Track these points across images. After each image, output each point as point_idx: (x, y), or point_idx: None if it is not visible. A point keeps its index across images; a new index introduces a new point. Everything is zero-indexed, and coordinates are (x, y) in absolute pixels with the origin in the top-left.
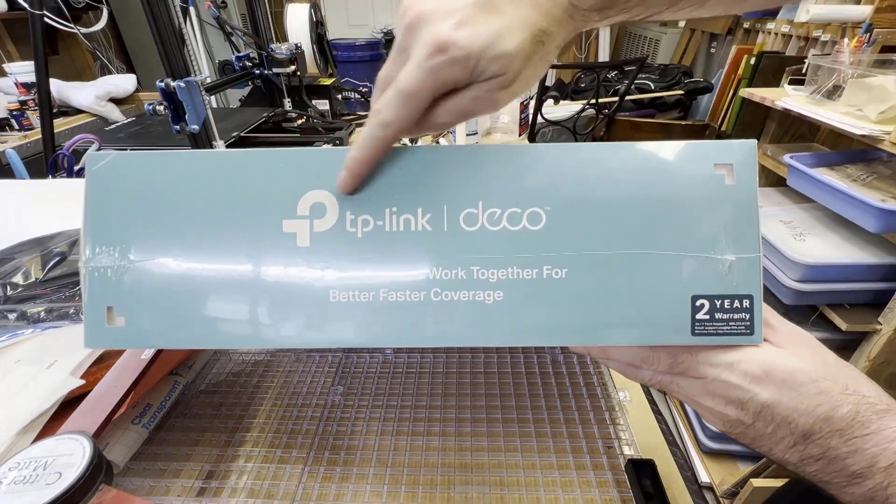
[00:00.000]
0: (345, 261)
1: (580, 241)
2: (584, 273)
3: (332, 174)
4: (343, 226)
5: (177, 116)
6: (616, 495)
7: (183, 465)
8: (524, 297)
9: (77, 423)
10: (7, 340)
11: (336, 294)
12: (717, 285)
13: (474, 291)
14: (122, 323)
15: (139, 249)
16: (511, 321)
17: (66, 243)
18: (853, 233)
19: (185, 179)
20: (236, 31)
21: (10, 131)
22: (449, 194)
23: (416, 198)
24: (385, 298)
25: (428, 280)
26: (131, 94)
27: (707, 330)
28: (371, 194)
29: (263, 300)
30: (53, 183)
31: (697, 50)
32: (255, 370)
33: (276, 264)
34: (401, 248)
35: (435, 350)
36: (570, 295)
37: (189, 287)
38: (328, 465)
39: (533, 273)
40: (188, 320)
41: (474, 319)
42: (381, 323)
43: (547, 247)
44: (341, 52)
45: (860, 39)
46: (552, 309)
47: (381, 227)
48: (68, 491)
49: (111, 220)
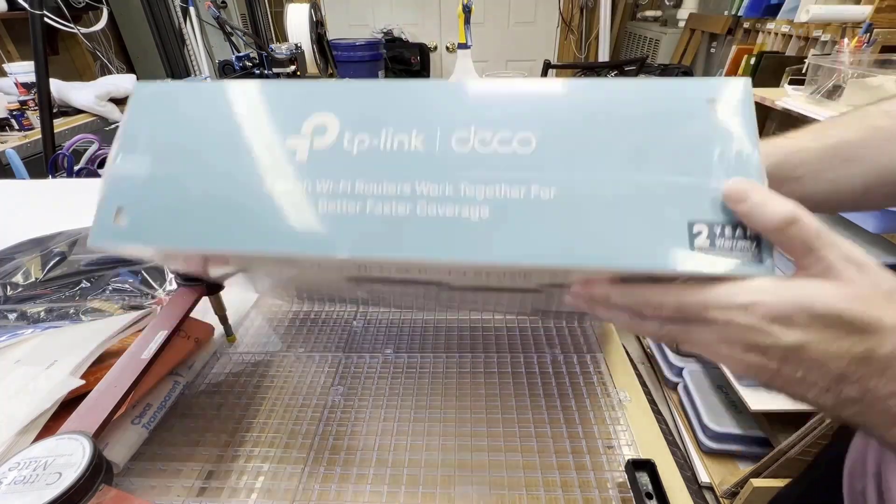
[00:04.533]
0: (336, 174)
1: (571, 163)
2: (573, 194)
3: (342, 99)
4: (341, 144)
5: None
6: (616, 495)
7: (183, 465)
8: (511, 215)
9: (77, 423)
10: (7, 340)
11: (325, 204)
12: (716, 213)
13: (461, 207)
14: (126, 223)
15: (157, 160)
16: (497, 239)
17: (66, 243)
18: (853, 233)
19: (212, 104)
20: (236, 31)
21: (10, 131)
22: (444, 119)
23: (412, 121)
24: (371, 211)
25: (414, 194)
26: None
27: (707, 259)
28: (371, 118)
29: (256, 206)
30: (53, 183)
31: (697, 50)
32: (255, 370)
33: (274, 176)
34: (391, 165)
35: (435, 350)
36: (558, 215)
37: (191, 193)
38: (328, 464)
39: (521, 192)
40: (185, 222)
41: (459, 235)
42: (365, 235)
43: (537, 168)
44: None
45: (860, 39)
46: (539, 228)
47: (377, 145)
48: (68, 491)
49: (140, 135)
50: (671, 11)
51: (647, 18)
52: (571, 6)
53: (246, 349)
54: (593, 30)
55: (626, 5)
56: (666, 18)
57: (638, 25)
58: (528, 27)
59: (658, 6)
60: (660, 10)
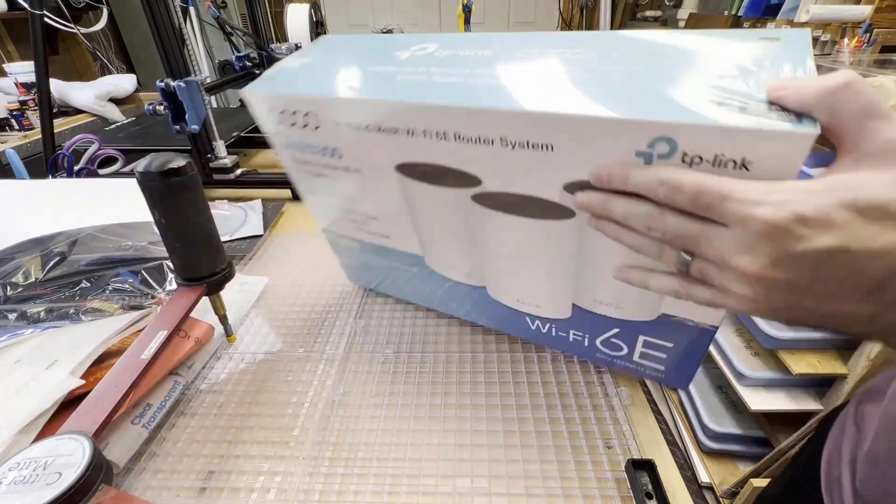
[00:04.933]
0: (418, 62)
1: (621, 59)
2: (618, 69)
3: (446, 38)
4: (433, 53)
5: (177, 116)
6: (616, 495)
7: (183, 465)
8: (559, 77)
9: (77, 423)
10: (7, 340)
11: (403, 76)
12: (760, 92)
13: (516, 67)
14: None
15: (315, 62)
16: (530, 98)
17: (66, 243)
18: None
19: (362, 41)
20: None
21: (10, 131)
22: (513, 45)
23: (487, 47)
24: (438, 78)
25: (473, 69)
26: (131, 94)
27: (733, 116)
28: (456, 49)
29: (368, 77)
30: (53, 183)
31: None
32: (255, 370)
33: (381, 64)
34: (463, 58)
35: (435, 350)
36: (602, 75)
37: (327, 73)
38: (329, 464)
39: (568, 54)
40: (317, 82)
41: (500, 94)
42: (433, 91)
43: (588, 60)
44: None
45: (860, 39)
46: (576, 94)
47: (456, 53)
48: (68, 491)
49: (309, 51)
50: (671, 11)
51: (647, 18)
52: (571, 6)
53: (246, 349)
54: (593, 30)
55: (626, 5)
56: (666, 18)
57: (638, 25)
58: (528, 27)
59: (658, 6)
60: (660, 10)
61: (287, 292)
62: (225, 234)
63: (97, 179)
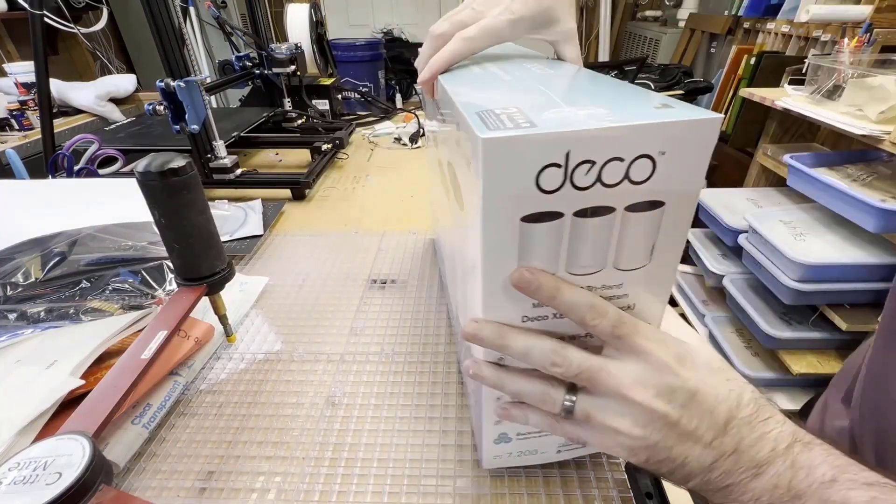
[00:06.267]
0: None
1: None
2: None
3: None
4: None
5: (177, 116)
6: (616, 495)
7: (183, 465)
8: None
9: (77, 423)
10: (7, 340)
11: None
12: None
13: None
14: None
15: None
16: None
17: (66, 243)
18: (853, 233)
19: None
20: (236, 31)
21: (10, 131)
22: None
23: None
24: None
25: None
26: (131, 94)
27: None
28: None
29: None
30: (53, 183)
31: (697, 50)
32: (255, 370)
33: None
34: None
35: (436, 350)
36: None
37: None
38: (329, 463)
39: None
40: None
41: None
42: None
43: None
44: (341, 52)
45: (860, 39)
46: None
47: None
48: (68, 491)
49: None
50: (671, 11)
51: (647, 18)
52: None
53: (246, 349)
54: (593, 30)
55: (626, 5)
56: (666, 18)
57: (638, 25)
58: None
59: (658, 6)
60: (660, 10)
61: (287, 292)
62: (225, 234)
63: (97, 179)
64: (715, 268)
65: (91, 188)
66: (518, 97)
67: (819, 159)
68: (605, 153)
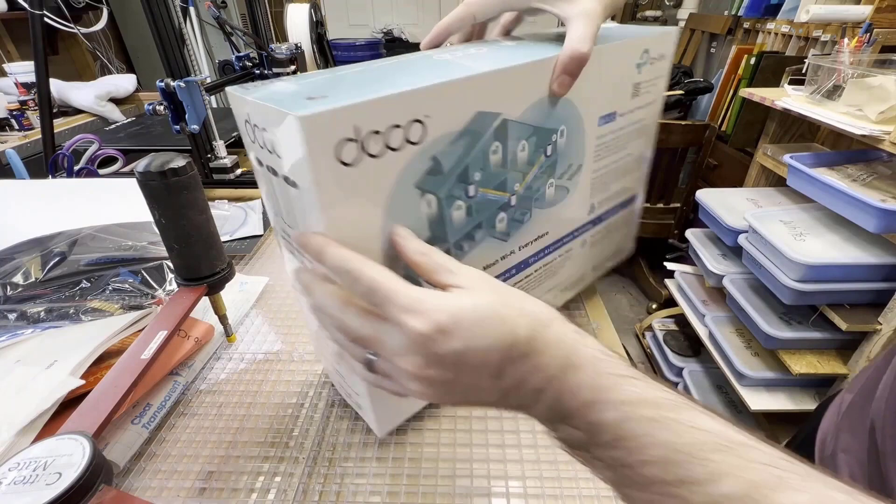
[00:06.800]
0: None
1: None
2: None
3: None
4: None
5: (177, 116)
6: (616, 495)
7: (183, 465)
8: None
9: (77, 423)
10: (7, 340)
11: (437, 56)
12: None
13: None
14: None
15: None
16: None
17: (66, 243)
18: (853, 233)
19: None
20: (236, 31)
21: (10, 131)
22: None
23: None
24: (451, 59)
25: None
26: (131, 94)
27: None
28: (485, 55)
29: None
30: (53, 183)
31: (697, 50)
32: (255, 370)
33: (411, 60)
34: (472, 54)
35: None
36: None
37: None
38: (329, 464)
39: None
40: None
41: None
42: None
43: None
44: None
45: (860, 39)
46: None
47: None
48: (68, 491)
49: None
50: (671, 11)
51: (647, 18)
52: None
53: (246, 349)
54: None
55: (626, 5)
56: (666, 18)
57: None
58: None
59: (658, 6)
60: (660, 10)
61: (287, 292)
62: (225, 234)
63: (97, 179)
64: (715, 268)
65: (91, 188)
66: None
67: (819, 159)
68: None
